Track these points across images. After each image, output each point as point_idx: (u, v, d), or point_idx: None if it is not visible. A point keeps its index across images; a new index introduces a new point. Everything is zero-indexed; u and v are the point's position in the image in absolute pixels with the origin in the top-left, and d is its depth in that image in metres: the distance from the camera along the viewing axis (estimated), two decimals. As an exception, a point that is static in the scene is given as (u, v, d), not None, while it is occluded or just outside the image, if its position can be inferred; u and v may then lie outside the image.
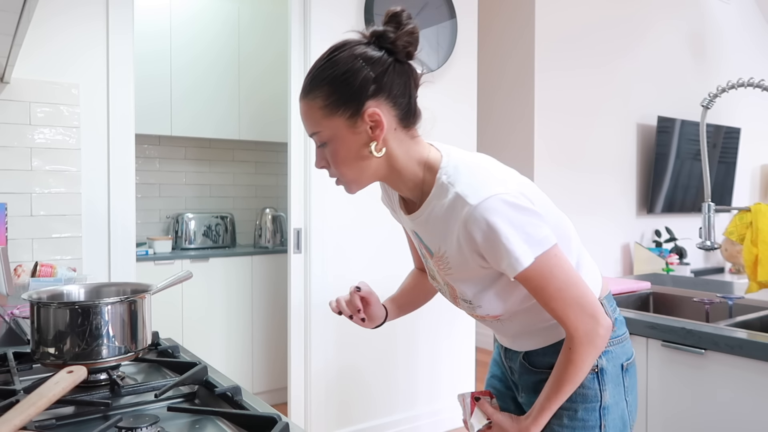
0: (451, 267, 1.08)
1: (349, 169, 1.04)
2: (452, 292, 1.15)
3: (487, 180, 1.00)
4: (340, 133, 1.01)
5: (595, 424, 1.11)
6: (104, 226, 2.42)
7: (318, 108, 1.01)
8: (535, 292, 1.02)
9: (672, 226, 4.56)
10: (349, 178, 1.05)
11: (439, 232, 1.05)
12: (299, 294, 2.88)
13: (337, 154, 1.02)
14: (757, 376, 1.54)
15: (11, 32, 1.44)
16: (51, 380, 0.87)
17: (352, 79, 0.99)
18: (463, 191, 0.99)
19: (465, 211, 0.98)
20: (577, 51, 3.90)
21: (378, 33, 1.00)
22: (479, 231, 0.97)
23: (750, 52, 5.29)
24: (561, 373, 1.06)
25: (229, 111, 3.81)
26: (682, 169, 4.53)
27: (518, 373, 1.22)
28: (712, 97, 1.89)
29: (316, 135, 1.03)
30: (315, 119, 1.02)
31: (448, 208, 1.01)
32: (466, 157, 1.07)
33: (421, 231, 1.11)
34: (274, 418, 0.84)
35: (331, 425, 2.94)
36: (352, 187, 1.08)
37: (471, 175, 1.02)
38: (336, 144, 1.02)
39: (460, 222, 0.99)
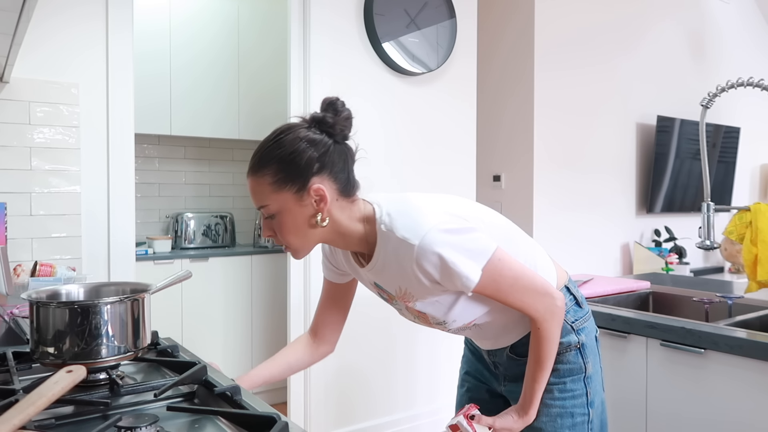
0: (416, 298, 1.18)
1: (295, 237, 1.13)
2: (424, 319, 1.25)
3: (418, 218, 1.12)
4: (287, 206, 1.11)
5: (582, 392, 1.28)
6: (104, 225, 2.42)
7: (267, 184, 1.10)
8: (493, 296, 1.15)
9: (671, 226, 4.56)
10: (295, 246, 1.14)
11: (396, 273, 1.15)
12: (299, 293, 2.88)
13: (284, 225, 1.12)
14: (757, 375, 1.54)
15: (11, 32, 1.44)
16: (50, 380, 0.87)
17: (298, 158, 1.10)
18: (403, 235, 1.11)
19: (413, 252, 1.09)
20: (577, 50, 3.90)
21: (318, 118, 1.13)
22: (430, 264, 1.09)
23: (750, 51, 5.29)
24: (538, 353, 1.20)
25: (228, 110, 3.81)
26: (681, 169, 4.53)
27: (504, 366, 1.33)
28: (712, 97, 1.89)
29: (264, 208, 1.12)
30: (263, 194, 1.11)
31: (396, 252, 1.12)
32: (394, 201, 1.17)
33: (378, 278, 1.21)
34: (274, 418, 0.84)
35: (331, 424, 2.94)
36: (298, 254, 1.17)
37: (403, 217, 1.13)
38: (283, 216, 1.11)
39: (412, 262, 1.10)
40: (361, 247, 1.19)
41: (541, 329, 1.18)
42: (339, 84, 2.93)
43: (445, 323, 1.23)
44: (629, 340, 1.84)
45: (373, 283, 1.25)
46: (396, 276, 1.16)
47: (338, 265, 1.33)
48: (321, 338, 1.41)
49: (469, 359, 1.48)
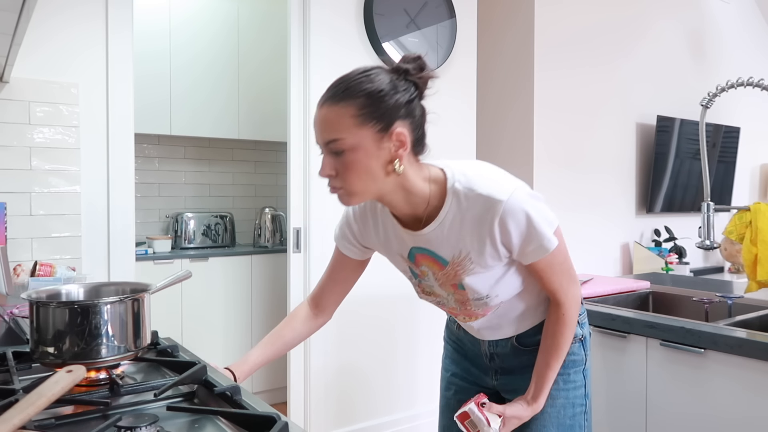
0: (472, 266, 1.16)
1: (360, 181, 1.07)
2: (460, 296, 1.23)
3: (500, 179, 1.13)
4: (364, 144, 1.05)
5: (582, 383, 1.32)
6: (104, 225, 2.42)
7: (349, 116, 1.04)
8: (542, 270, 1.17)
9: (671, 226, 4.56)
10: (356, 189, 1.08)
11: (462, 235, 1.13)
12: (298, 293, 2.88)
13: (355, 164, 1.06)
14: (757, 375, 1.54)
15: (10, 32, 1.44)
16: (50, 380, 0.87)
17: (387, 98, 1.06)
18: (488, 192, 1.10)
19: (498, 207, 1.09)
20: (577, 50, 3.90)
21: (404, 69, 1.09)
22: (514, 222, 1.09)
23: (749, 51, 5.29)
24: (557, 339, 1.22)
25: (228, 110, 3.81)
26: (681, 169, 4.53)
27: (503, 358, 1.34)
28: (712, 97, 1.89)
29: (336, 142, 1.05)
30: (341, 126, 1.05)
31: (472, 210, 1.11)
32: (467, 164, 1.17)
33: (432, 243, 1.17)
34: (274, 418, 0.84)
35: (331, 424, 2.94)
36: (352, 199, 1.10)
37: (483, 177, 1.13)
38: (357, 154, 1.05)
39: (495, 218, 1.09)
40: (419, 208, 1.15)
41: (566, 315, 1.21)
42: (339, 84, 2.92)
43: (487, 298, 1.21)
44: (629, 339, 1.84)
45: (407, 256, 1.23)
46: (460, 238, 1.14)
47: (365, 239, 1.29)
48: (322, 309, 1.38)
49: (453, 359, 1.46)
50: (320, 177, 1.09)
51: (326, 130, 1.06)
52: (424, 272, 1.24)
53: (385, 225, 1.25)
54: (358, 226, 1.29)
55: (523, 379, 1.31)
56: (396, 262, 1.30)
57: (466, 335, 1.41)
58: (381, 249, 1.30)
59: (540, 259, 1.15)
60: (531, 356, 1.29)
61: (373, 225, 1.27)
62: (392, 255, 1.28)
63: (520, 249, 1.13)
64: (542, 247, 1.13)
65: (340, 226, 1.34)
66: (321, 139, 1.08)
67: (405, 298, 3.11)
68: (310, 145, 2.86)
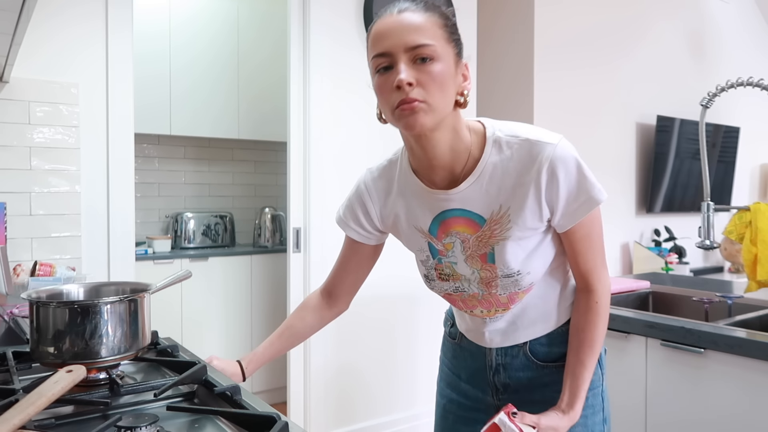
0: (511, 225, 1.05)
1: (443, 96, 0.97)
2: (488, 274, 1.10)
3: (543, 130, 1.05)
4: (448, 59, 0.98)
5: (600, 406, 1.17)
6: (103, 225, 2.42)
7: (438, 26, 0.98)
8: (579, 241, 1.08)
9: (671, 226, 4.56)
10: (438, 104, 0.96)
11: (500, 188, 1.04)
12: (298, 293, 2.88)
13: (442, 76, 0.96)
14: (757, 375, 1.54)
15: (10, 32, 1.44)
16: (50, 379, 0.87)
17: (457, 29, 1.03)
18: (534, 137, 1.02)
19: (547, 152, 1.00)
20: (577, 51, 3.90)
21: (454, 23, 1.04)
22: (564, 168, 1.01)
23: (749, 51, 5.29)
24: (591, 331, 1.10)
25: (228, 110, 3.81)
26: (681, 169, 4.53)
27: (510, 370, 1.19)
28: (712, 97, 1.89)
29: (427, 47, 0.95)
30: (434, 33, 0.96)
31: (516, 157, 1.02)
32: (505, 121, 1.09)
33: (468, 200, 1.06)
34: (274, 418, 0.84)
35: (331, 424, 2.94)
36: (429, 117, 0.96)
37: (526, 126, 1.06)
38: (443, 66, 0.96)
39: (543, 164, 1.00)
40: (460, 159, 1.04)
41: (599, 303, 1.10)
42: (339, 83, 2.93)
43: (518, 275, 1.08)
44: (629, 339, 1.84)
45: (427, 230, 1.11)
46: (501, 190, 1.04)
47: (382, 215, 1.18)
48: (336, 299, 1.29)
49: (449, 383, 1.30)
50: (398, 83, 0.94)
51: (415, 33, 0.95)
52: (448, 245, 1.11)
53: (406, 192, 1.13)
54: (377, 198, 1.18)
55: (531, 401, 1.14)
56: (412, 240, 1.17)
57: (470, 345, 1.25)
58: (399, 225, 1.17)
59: (581, 224, 1.05)
60: (541, 373, 1.17)
61: (395, 193, 1.15)
62: (410, 231, 1.15)
63: (566, 204, 1.02)
64: (592, 199, 1.02)
65: (347, 206, 1.22)
66: (405, 43, 0.95)
67: (405, 298, 3.11)
68: (310, 144, 2.86)
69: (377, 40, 0.97)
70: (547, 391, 1.15)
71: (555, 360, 1.16)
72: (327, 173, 2.91)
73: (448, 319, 1.36)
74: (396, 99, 0.95)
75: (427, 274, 1.18)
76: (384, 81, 0.97)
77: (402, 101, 0.95)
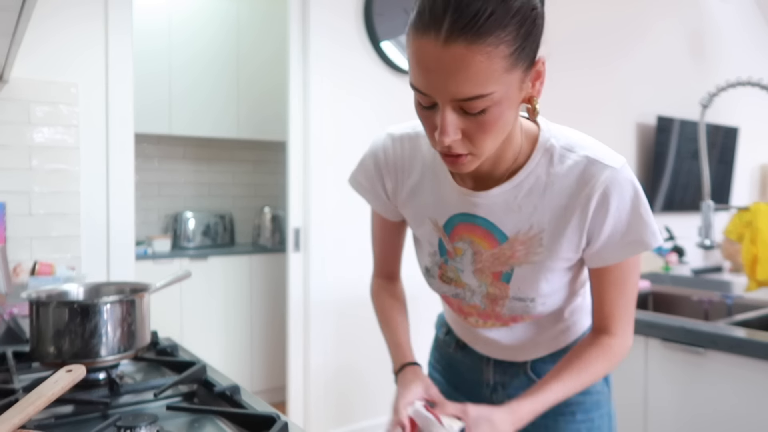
0: (542, 250, 0.90)
1: (497, 141, 0.79)
2: (498, 292, 0.97)
3: (606, 148, 0.88)
4: (511, 92, 0.75)
5: (607, 428, 1.07)
6: (103, 225, 2.42)
7: (501, 57, 0.70)
8: (614, 284, 0.91)
9: (671, 225, 4.56)
10: (487, 151, 0.79)
11: (538, 206, 0.88)
12: (298, 293, 2.88)
13: (498, 122, 0.76)
14: (756, 374, 1.54)
15: (10, 31, 1.44)
16: (50, 379, 0.87)
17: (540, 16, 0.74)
18: (595, 155, 0.86)
19: (606, 174, 0.84)
20: (576, 50, 3.90)
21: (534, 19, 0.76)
22: (619, 196, 0.84)
23: (749, 51, 5.29)
24: (590, 367, 0.91)
25: (227, 110, 3.81)
26: (681, 168, 4.53)
27: (510, 389, 1.08)
28: (711, 96, 1.89)
29: (481, 99, 0.72)
30: (493, 75, 0.71)
31: (569, 176, 0.86)
32: (565, 127, 0.93)
33: (494, 210, 0.90)
34: (273, 417, 0.84)
35: (330, 424, 2.94)
36: (476, 163, 0.81)
37: (587, 140, 0.89)
38: (501, 108, 0.75)
39: (596, 188, 0.84)
40: (504, 163, 0.88)
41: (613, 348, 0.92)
42: (339, 84, 2.93)
43: (531, 302, 0.95)
44: (629, 339, 1.84)
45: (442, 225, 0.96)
46: (538, 209, 0.88)
47: (397, 190, 1.02)
48: (393, 275, 1.17)
49: (442, 391, 1.11)
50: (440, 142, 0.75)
51: (466, 82, 0.70)
52: (458, 250, 0.96)
53: (429, 177, 0.97)
54: (393, 170, 1.00)
55: (532, 423, 0.96)
56: (423, 230, 1.01)
57: (465, 357, 1.14)
58: (412, 208, 1.01)
59: (618, 267, 0.89)
60: None
61: (418, 173, 0.98)
62: (422, 219, 1.00)
63: (609, 238, 0.86)
64: (640, 242, 0.86)
65: (363, 175, 1.04)
66: (451, 94, 0.72)
67: (405, 298, 3.11)
68: (310, 144, 2.86)
69: (415, 70, 0.74)
70: (550, 413, 1.00)
71: None
72: (327, 173, 2.91)
73: (443, 324, 1.24)
74: (438, 146, 0.78)
75: (429, 268, 1.04)
76: (425, 115, 0.79)
77: (445, 153, 0.79)
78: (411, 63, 0.75)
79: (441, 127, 0.74)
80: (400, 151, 0.99)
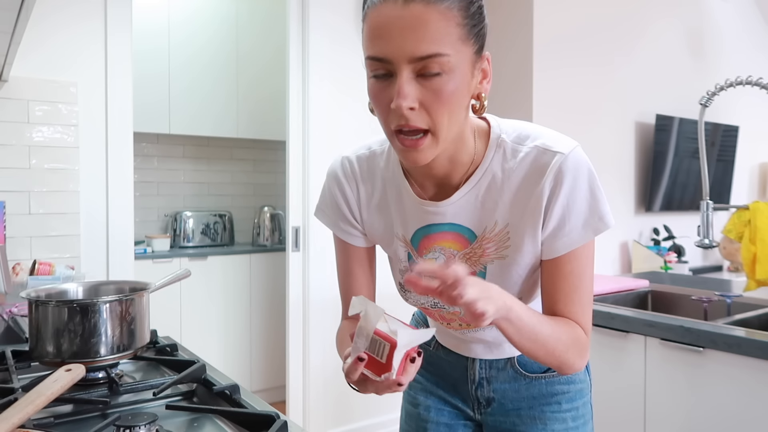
0: (510, 243, 0.90)
1: (451, 118, 0.78)
2: None
3: (557, 135, 0.89)
4: (463, 67, 0.77)
5: (590, 415, 1.09)
6: (102, 224, 2.42)
7: (455, 24, 0.75)
8: (568, 277, 0.88)
9: (670, 224, 4.56)
10: (444, 131, 0.79)
11: (498, 201, 0.89)
12: (297, 292, 2.88)
13: (454, 94, 0.77)
14: (755, 373, 1.54)
15: (9, 30, 1.44)
16: (49, 378, 0.87)
17: (483, 11, 0.81)
18: (544, 144, 0.86)
19: (555, 160, 0.84)
20: (576, 49, 3.90)
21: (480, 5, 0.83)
22: (571, 180, 0.84)
23: (749, 50, 5.29)
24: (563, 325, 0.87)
25: (227, 109, 3.81)
26: (680, 168, 4.53)
27: (496, 384, 1.07)
28: (711, 96, 1.89)
29: (438, 58, 0.74)
30: (447, 37, 0.74)
31: (523, 168, 0.87)
32: (514, 121, 0.94)
33: (459, 214, 0.91)
34: (273, 416, 0.84)
35: (330, 423, 2.94)
36: (432, 151, 0.80)
37: (536, 129, 0.90)
38: (456, 80, 0.76)
39: (547, 173, 0.84)
40: (461, 168, 0.89)
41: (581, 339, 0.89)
42: (338, 83, 2.92)
43: None
44: (628, 338, 1.84)
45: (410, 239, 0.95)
46: (499, 204, 0.89)
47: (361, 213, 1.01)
48: None
49: (424, 388, 1.14)
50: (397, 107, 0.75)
51: (424, 39, 0.73)
52: (429, 261, 0.96)
53: (391, 194, 0.97)
54: (356, 191, 1.00)
55: (518, 414, 1.05)
56: (391, 247, 1.01)
57: (448, 356, 1.11)
58: (379, 225, 1.00)
59: (573, 256, 0.87)
60: (529, 385, 1.05)
61: (378, 192, 0.98)
62: (390, 237, 0.99)
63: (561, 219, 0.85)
64: (600, 222, 0.86)
65: (327, 203, 1.03)
66: (409, 53, 0.74)
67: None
68: (309, 143, 2.86)
69: (374, 37, 0.77)
70: (536, 404, 1.05)
71: (547, 370, 1.05)
72: (326, 172, 2.90)
73: (419, 322, 1.20)
74: (394, 121, 0.78)
75: (403, 283, 1.02)
76: (380, 90, 0.78)
77: (401, 130, 0.78)
78: (369, 34, 0.77)
79: (399, 90, 0.75)
80: (358, 170, 1.00)
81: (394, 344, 0.72)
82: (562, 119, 3.83)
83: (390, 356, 0.72)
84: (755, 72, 5.20)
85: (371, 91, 0.80)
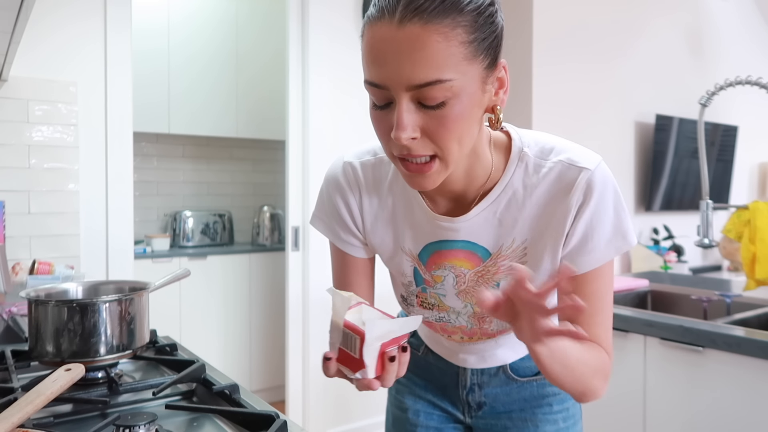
0: (527, 259, 0.86)
1: (462, 140, 0.73)
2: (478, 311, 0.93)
3: (581, 149, 0.85)
4: (471, 87, 0.70)
5: (579, 416, 1.08)
6: (102, 223, 2.42)
7: (458, 43, 0.67)
8: (590, 298, 0.83)
9: (670, 224, 4.56)
10: (450, 156, 0.73)
11: (517, 220, 0.84)
12: (297, 292, 2.88)
13: (460, 119, 0.70)
14: (755, 373, 1.54)
15: (9, 30, 1.44)
16: (49, 378, 0.87)
17: (495, 17, 0.72)
18: (569, 159, 0.82)
19: (581, 176, 0.80)
20: (576, 48, 3.90)
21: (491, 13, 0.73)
22: (597, 197, 0.80)
23: (748, 49, 5.29)
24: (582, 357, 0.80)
25: (226, 109, 3.81)
26: (680, 167, 4.53)
27: (487, 390, 1.05)
28: (710, 95, 1.89)
29: (441, 84, 0.68)
30: (452, 59, 0.67)
31: (547, 184, 0.82)
32: (534, 132, 0.89)
33: (474, 231, 0.86)
34: (272, 416, 0.84)
35: (329, 423, 2.94)
36: (440, 176, 0.75)
37: (562, 143, 0.85)
38: (462, 104, 0.70)
39: (575, 190, 0.80)
40: (477, 182, 0.84)
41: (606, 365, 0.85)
42: (338, 82, 2.92)
43: None
44: (628, 338, 1.84)
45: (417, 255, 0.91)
46: (518, 222, 0.84)
47: (366, 224, 0.95)
48: None
49: (411, 391, 1.12)
50: (396, 139, 0.69)
51: (422, 64, 0.67)
52: (437, 278, 0.91)
53: (400, 205, 0.90)
54: (359, 200, 0.93)
55: (509, 417, 1.04)
56: (396, 261, 0.95)
57: (438, 361, 1.08)
58: (383, 236, 0.93)
59: (595, 276, 0.83)
60: (520, 388, 1.04)
61: (384, 201, 0.92)
62: (394, 250, 0.93)
63: (584, 235, 0.82)
64: (624, 240, 0.82)
65: (326, 210, 0.96)
66: (406, 80, 0.68)
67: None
68: (309, 143, 2.86)
69: (368, 61, 0.71)
70: (528, 406, 1.04)
71: (537, 373, 1.04)
72: (324, 176, 2.91)
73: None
74: (395, 149, 0.73)
75: (405, 297, 0.98)
76: (380, 117, 0.73)
77: (404, 158, 0.73)
78: (365, 57, 0.71)
79: (397, 120, 0.69)
80: (362, 178, 0.93)
81: (363, 336, 0.65)
82: (562, 118, 3.83)
83: (361, 350, 0.66)
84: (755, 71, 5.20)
85: (371, 116, 0.76)
